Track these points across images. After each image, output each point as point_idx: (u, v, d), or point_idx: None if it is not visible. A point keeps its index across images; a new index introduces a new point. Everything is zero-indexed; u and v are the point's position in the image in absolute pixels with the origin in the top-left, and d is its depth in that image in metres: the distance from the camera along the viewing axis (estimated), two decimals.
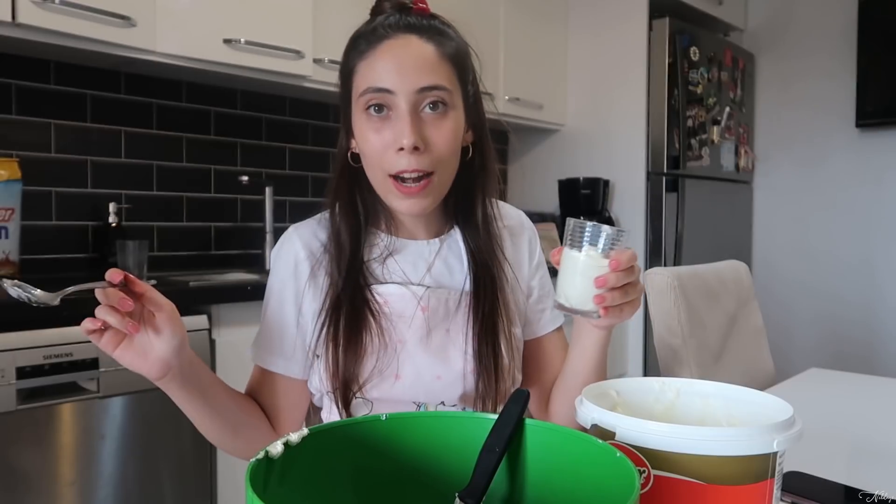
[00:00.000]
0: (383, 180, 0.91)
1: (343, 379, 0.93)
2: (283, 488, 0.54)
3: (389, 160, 0.89)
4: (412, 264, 0.99)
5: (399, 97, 0.88)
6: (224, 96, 2.40)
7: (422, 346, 0.95)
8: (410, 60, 0.89)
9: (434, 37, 0.92)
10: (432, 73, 0.89)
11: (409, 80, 0.88)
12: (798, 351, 3.43)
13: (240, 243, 2.48)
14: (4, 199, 1.81)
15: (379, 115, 0.90)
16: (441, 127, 0.91)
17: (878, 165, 3.30)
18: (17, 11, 1.63)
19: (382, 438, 0.61)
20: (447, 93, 0.91)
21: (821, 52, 3.42)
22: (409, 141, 0.87)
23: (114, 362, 0.79)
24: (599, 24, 3.16)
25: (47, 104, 2.02)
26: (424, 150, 0.89)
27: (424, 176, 0.90)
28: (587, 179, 3.07)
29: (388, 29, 0.91)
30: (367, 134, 0.91)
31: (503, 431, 0.60)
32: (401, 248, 1.00)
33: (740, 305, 1.83)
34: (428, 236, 1.02)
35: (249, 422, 0.95)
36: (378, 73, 0.89)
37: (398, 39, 0.90)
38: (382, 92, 0.89)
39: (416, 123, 0.89)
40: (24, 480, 1.44)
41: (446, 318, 0.97)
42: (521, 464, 0.61)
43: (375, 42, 0.90)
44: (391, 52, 0.89)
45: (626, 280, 0.80)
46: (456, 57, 0.93)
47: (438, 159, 0.91)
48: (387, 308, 0.95)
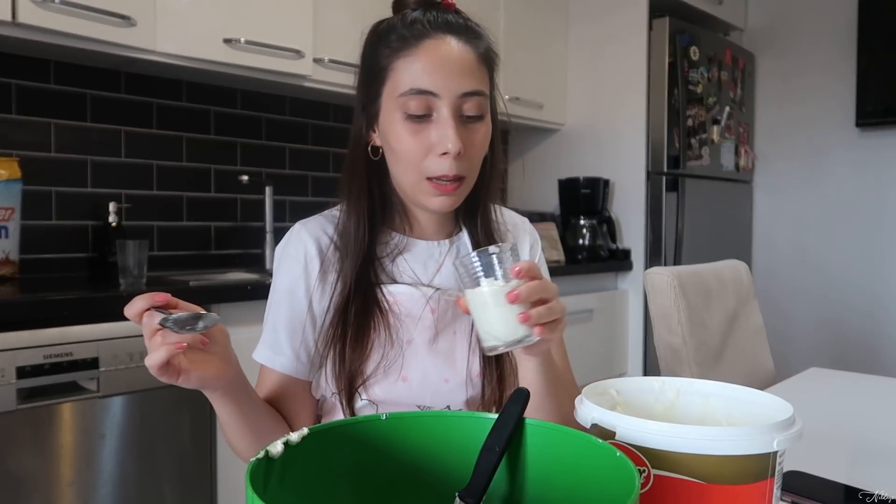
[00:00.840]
0: (418, 181, 0.91)
1: (348, 373, 0.92)
2: (283, 488, 0.54)
3: (430, 163, 0.89)
4: (422, 264, 0.99)
5: (442, 101, 0.88)
6: (224, 96, 2.40)
7: (430, 347, 0.95)
8: (453, 63, 0.89)
9: (471, 39, 0.91)
10: (472, 78, 0.90)
11: (454, 84, 0.88)
12: (798, 350, 3.43)
13: (240, 243, 2.48)
14: (4, 198, 1.81)
15: (419, 117, 0.89)
16: (478, 132, 0.92)
17: (878, 165, 3.30)
18: (18, 11, 1.63)
19: (382, 438, 0.61)
20: (485, 98, 0.91)
21: (821, 52, 3.42)
22: (454, 147, 0.87)
23: (113, 361, 0.80)
24: (599, 24, 3.16)
25: (47, 104, 2.02)
26: (464, 155, 0.90)
27: (458, 178, 0.91)
28: (587, 179, 3.07)
29: (426, 26, 0.89)
30: (405, 136, 0.90)
31: (503, 431, 0.60)
32: (412, 248, 1.00)
33: (740, 305, 1.83)
34: (439, 237, 1.01)
35: (275, 430, 0.92)
36: (420, 75, 0.88)
37: (437, 39, 0.89)
38: (425, 94, 0.88)
39: (459, 128, 0.89)
40: (24, 480, 1.44)
41: (454, 321, 0.97)
42: (521, 463, 0.61)
43: (414, 40, 0.89)
44: (435, 52, 0.89)
45: (540, 292, 0.74)
46: (488, 59, 0.94)
47: (472, 164, 0.92)
48: (396, 308, 0.95)
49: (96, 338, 1.51)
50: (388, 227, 1.00)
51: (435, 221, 1.01)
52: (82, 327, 1.50)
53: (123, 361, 1.55)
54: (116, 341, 1.54)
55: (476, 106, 0.90)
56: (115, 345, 1.54)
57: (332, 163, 2.71)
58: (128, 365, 1.55)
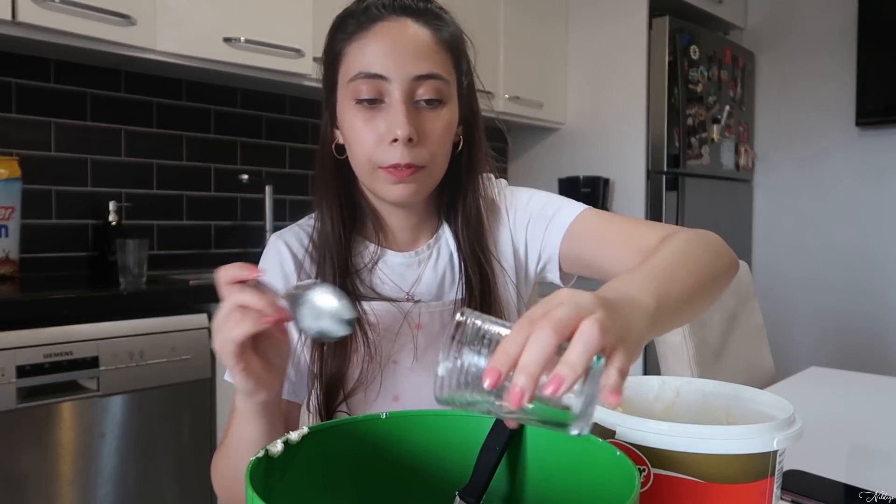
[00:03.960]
0: (371, 172, 0.86)
1: (327, 384, 0.87)
2: (283, 487, 0.54)
3: (381, 152, 0.84)
4: (401, 276, 0.94)
5: (393, 84, 0.82)
6: (224, 95, 2.40)
7: (420, 364, 0.90)
8: (406, 45, 0.83)
9: (431, 21, 0.86)
10: (428, 60, 0.84)
11: (405, 67, 0.82)
12: (798, 349, 3.43)
13: (240, 242, 2.48)
14: (4, 197, 1.81)
15: (370, 104, 0.84)
16: (435, 119, 0.85)
17: (877, 164, 3.30)
18: (18, 10, 1.63)
19: (382, 437, 0.61)
20: (443, 83, 0.85)
21: (821, 51, 3.42)
22: (403, 132, 0.81)
23: (113, 361, 0.79)
24: (599, 23, 3.16)
25: (47, 103, 2.02)
26: (418, 143, 0.83)
27: (416, 170, 0.85)
28: (587, 178, 3.07)
29: (381, 10, 0.84)
30: (356, 123, 0.85)
31: (503, 430, 0.60)
32: (388, 260, 0.94)
33: (740, 304, 1.83)
34: (416, 244, 0.96)
35: None
36: (370, 58, 0.83)
37: (392, 22, 0.84)
38: (375, 78, 0.82)
39: (411, 113, 0.83)
40: (24, 479, 1.44)
41: (443, 332, 0.91)
42: (521, 462, 0.61)
43: (367, 23, 0.84)
44: (386, 34, 0.83)
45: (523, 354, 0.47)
46: (452, 44, 0.88)
47: (431, 153, 0.85)
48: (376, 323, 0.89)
49: (96, 337, 1.51)
50: (362, 235, 0.95)
51: (408, 226, 0.95)
52: (82, 326, 1.50)
53: (123, 361, 1.55)
54: (116, 340, 1.54)
55: (432, 90, 0.84)
56: (115, 344, 1.54)
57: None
58: (128, 364, 1.55)
